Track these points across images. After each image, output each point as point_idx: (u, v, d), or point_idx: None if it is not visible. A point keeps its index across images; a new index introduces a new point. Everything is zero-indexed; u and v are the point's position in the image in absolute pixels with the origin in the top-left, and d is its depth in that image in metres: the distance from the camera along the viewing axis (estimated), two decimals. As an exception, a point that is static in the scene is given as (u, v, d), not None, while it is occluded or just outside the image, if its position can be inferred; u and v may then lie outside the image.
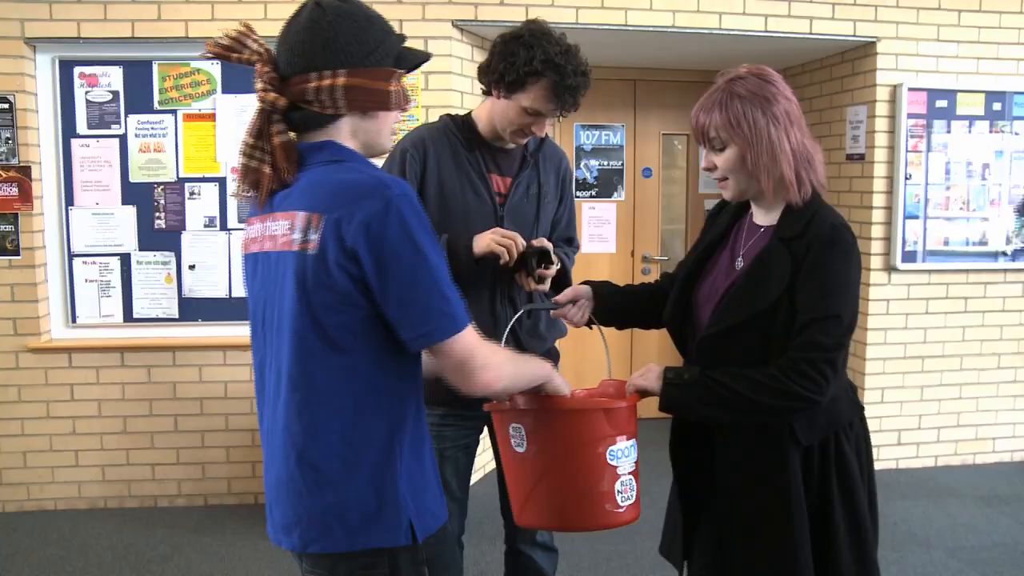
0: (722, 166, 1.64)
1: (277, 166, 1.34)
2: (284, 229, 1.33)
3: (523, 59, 1.98)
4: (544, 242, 2.07)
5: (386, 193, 1.26)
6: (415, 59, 1.46)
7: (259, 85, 1.34)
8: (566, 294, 1.92)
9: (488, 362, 1.34)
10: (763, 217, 1.71)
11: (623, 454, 1.57)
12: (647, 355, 5.03)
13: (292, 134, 1.37)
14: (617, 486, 1.56)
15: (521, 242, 2.02)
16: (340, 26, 1.33)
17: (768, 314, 1.58)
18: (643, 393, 1.67)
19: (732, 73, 1.64)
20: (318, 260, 1.26)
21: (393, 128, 1.46)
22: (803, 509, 1.61)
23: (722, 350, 1.63)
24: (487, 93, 2.14)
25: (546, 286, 2.10)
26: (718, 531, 1.74)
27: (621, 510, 1.57)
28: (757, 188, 1.64)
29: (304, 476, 1.32)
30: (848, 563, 1.64)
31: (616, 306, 1.92)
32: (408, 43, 1.48)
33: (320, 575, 1.37)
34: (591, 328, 1.93)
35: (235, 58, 1.35)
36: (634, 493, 1.59)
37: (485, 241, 2.01)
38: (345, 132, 1.38)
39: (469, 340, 1.32)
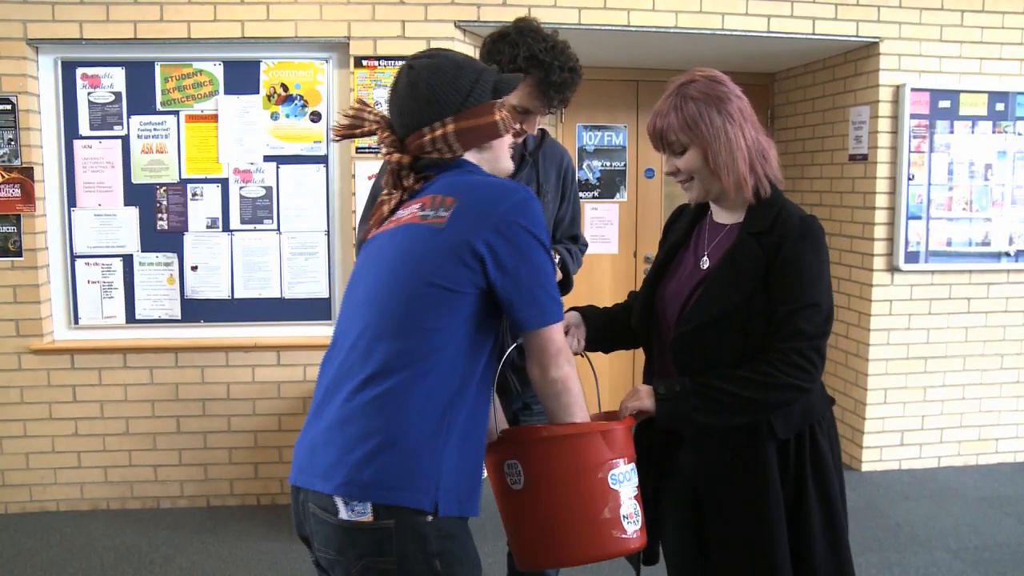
0: (684, 168, 1.69)
1: (409, 193, 1.55)
2: (413, 210, 1.48)
3: (508, 57, 2.00)
4: None
5: (519, 191, 1.46)
6: (511, 86, 1.61)
7: (384, 150, 1.56)
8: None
9: (573, 365, 1.49)
10: (725, 216, 1.75)
11: (624, 477, 1.53)
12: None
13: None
14: (622, 511, 1.51)
15: None
16: (435, 81, 1.50)
17: (743, 308, 1.62)
18: (638, 415, 1.66)
19: (683, 78, 1.70)
20: (442, 233, 1.41)
21: (510, 149, 1.62)
22: (779, 499, 1.64)
23: (699, 346, 1.66)
24: None
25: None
26: (694, 519, 1.77)
27: (629, 536, 1.52)
28: (719, 187, 1.68)
29: (360, 425, 1.38)
30: (822, 550, 1.67)
31: (605, 329, 1.90)
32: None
33: (326, 518, 1.39)
34: (583, 356, 1.88)
35: (359, 132, 1.58)
36: (639, 518, 1.54)
37: None
38: (468, 168, 1.55)
39: (558, 335, 1.47)
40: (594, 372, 1.88)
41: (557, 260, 2.18)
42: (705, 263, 1.74)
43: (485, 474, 1.62)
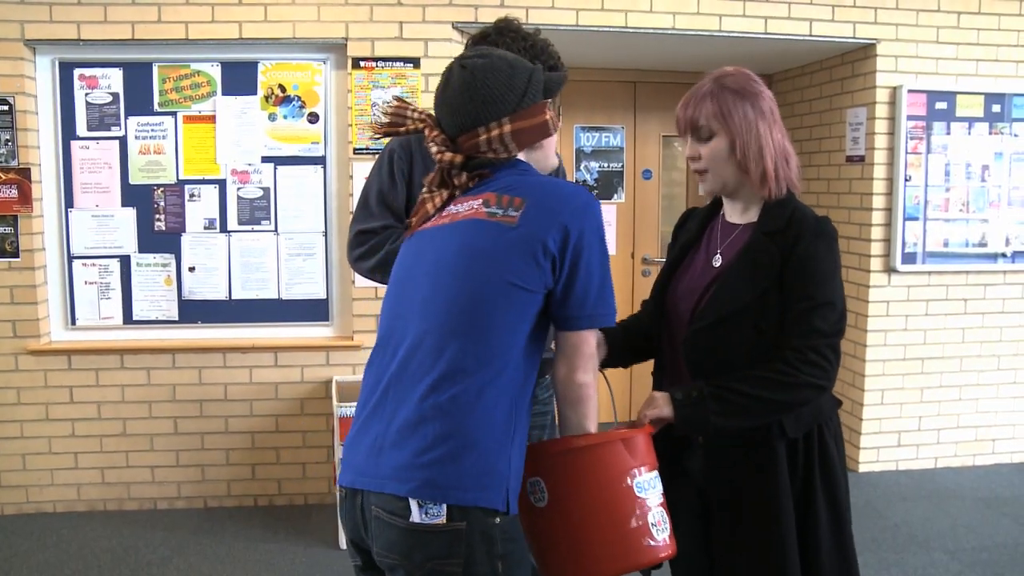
0: (707, 155, 1.69)
1: (459, 191, 1.55)
2: (475, 205, 1.47)
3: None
4: None
5: (583, 194, 1.49)
6: (560, 85, 1.62)
7: (434, 148, 1.55)
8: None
9: (597, 375, 1.52)
10: (738, 216, 1.76)
11: (649, 485, 1.51)
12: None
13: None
14: (650, 519, 1.48)
15: None
16: (491, 81, 1.50)
17: (757, 305, 1.62)
18: (656, 422, 1.65)
19: (718, 71, 1.73)
20: (515, 231, 1.41)
21: (556, 148, 1.63)
22: (790, 499, 1.65)
23: (712, 343, 1.66)
24: None
25: None
26: (700, 522, 1.77)
27: (660, 543, 1.49)
28: (739, 180, 1.69)
29: (437, 426, 1.37)
30: (828, 550, 1.67)
31: (624, 344, 1.88)
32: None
33: (394, 521, 1.37)
34: (601, 373, 1.82)
35: (403, 131, 1.58)
36: (668, 525, 1.52)
37: None
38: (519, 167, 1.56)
39: (593, 343, 1.50)
40: (610, 387, 1.87)
41: None
42: (718, 261, 1.74)
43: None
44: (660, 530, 1.49)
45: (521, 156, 1.56)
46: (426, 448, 1.36)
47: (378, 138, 1.56)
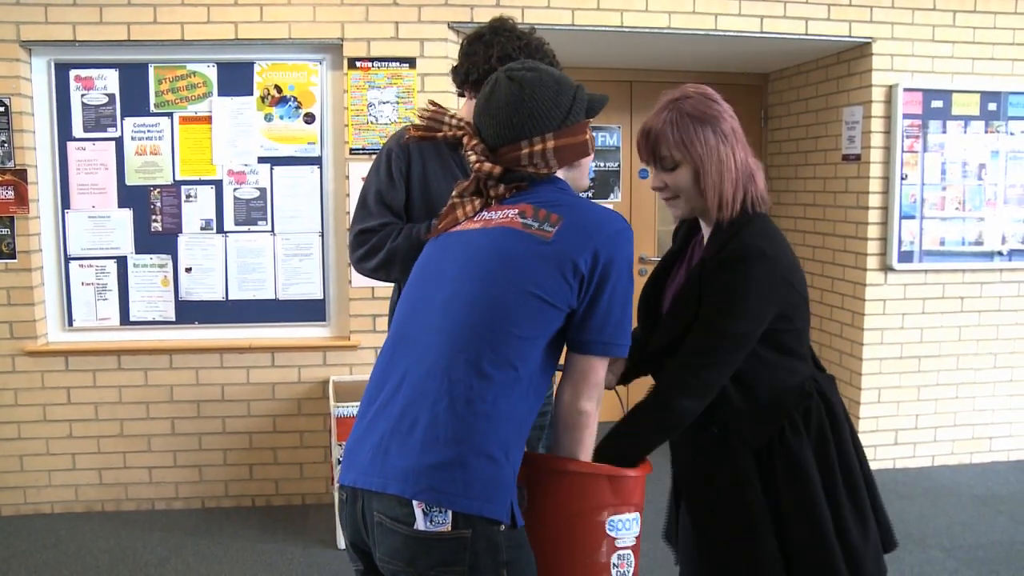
0: (673, 185, 1.67)
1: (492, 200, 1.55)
2: (510, 214, 1.48)
3: (482, 57, 2.04)
4: None
5: (618, 220, 1.48)
6: (602, 105, 1.62)
7: (473, 157, 1.55)
8: None
9: (600, 405, 1.50)
10: (707, 231, 1.75)
11: (624, 526, 1.51)
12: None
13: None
14: (614, 559, 1.50)
15: None
16: (539, 95, 1.50)
17: (684, 338, 1.62)
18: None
19: (675, 93, 1.68)
20: (549, 246, 1.41)
21: (591, 169, 1.65)
22: (764, 506, 1.65)
23: (659, 369, 1.69)
24: (461, 95, 2.19)
25: None
26: (691, 519, 1.79)
27: None
28: (703, 205, 1.67)
29: (450, 430, 1.35)
30: (804, 553, 1.65)
31: (637, 359, 1.88)
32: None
33: (398, 528, 1.36)
34: (614, 390, 1.87)
35: (440, 136, 1.59)
36: (631, 570, 1.52)
37: None
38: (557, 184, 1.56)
39: (603, 372, 1.49)
40: (618, 394, 1.88)
41: None
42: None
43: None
44: (620, 572, 1.51)
45: (560, 174, 1.56)
46: (436, 452, 1.34)
47: (416, 140, 1.54)
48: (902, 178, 4.15)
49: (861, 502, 1.72)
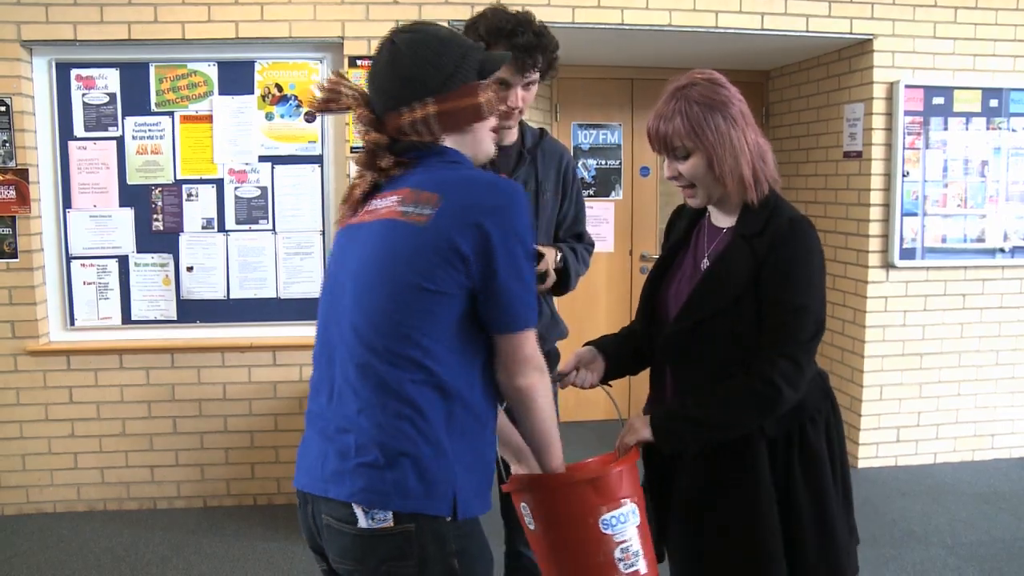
0: (688, 173, 1.67)
1: (385, 175, 1.46)
2: (391, 202, 1.40)
3: (472, 39, 2.02)
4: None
5: (504, 190, 1.38)
6: (497, 65, 1.52)
7: (359, 127, 1.46)
8: (569, 363, 1.87)
9: (543, 377, 1.45)
10: (723, 219, 1.74)
11: (618, 521, 1.55)
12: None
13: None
14: (617, 554, 1.54)
15: None
16: (416, 58, 1.41)
17: (732, 310, 1.62)
18: (640, 444, 1.68)
19: (682, 80, 1.67)
20: (424, 232, 1.33)
21: (493, 134, 1.53)
22: (772, 499, 1.65)
23: (686, 346, 1.68)
24: None
25: (548, 283, 2.08)
26: (687, 517, 1.77)
27: (626, 575, 1.56)
28: (722, 191, 1.68)
29: (372, 433, 1.35)
30: (813, 549, 1.66)
31: (630, 353, 1.89)
32: None
33: (344, 528, 1.36)
34: (603, 388, 1.90)
35: (335, 107, 1.47)
36: (639, 558, 1.57)
37: None
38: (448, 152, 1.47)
39: (531, 341, 1.42)
40: (615, 402, 1.89)
41: (559, 257, 2.17)
42: (705, 265, 1.73)
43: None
44: (628, 564, 1.55)
45: (450, 140, 1.46)
46: (364, 454, 1.34)
47: (313, 113, 1.49)
48: (904, 175, 4.15)
49: (849, 497, 1.75)
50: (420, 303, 1.34)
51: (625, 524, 1.55)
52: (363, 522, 1.34)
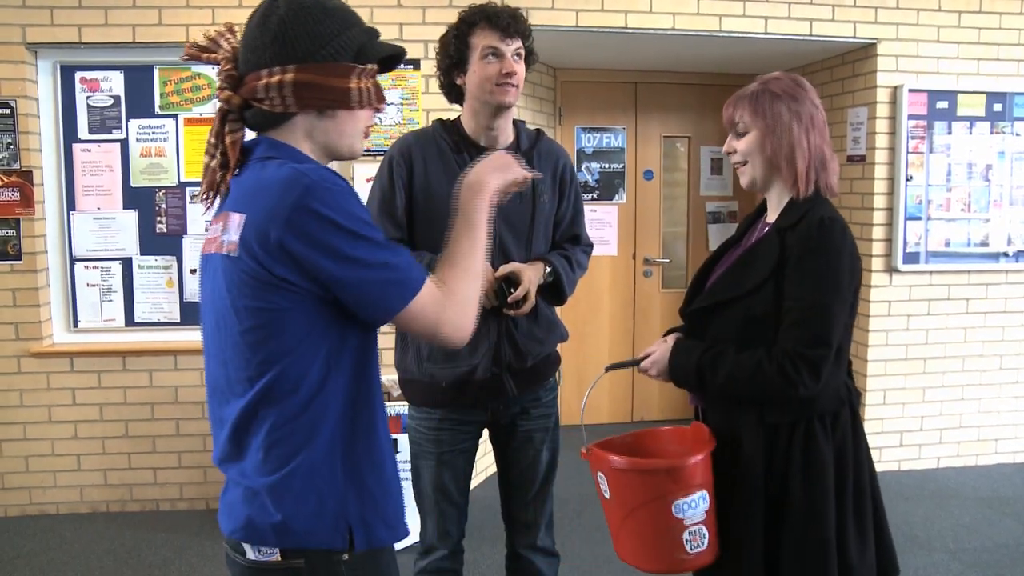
0: (741, 150, 1.77)
1: (229, 165, 1.30)
2: (218, 231, 1.28)
3: (452, 31, 2.10)
4: (510, 267, 2.05)
5: (302, 182, 1.19)
6: (379, 53, 1.35)
7: (217, 83, 1.31)
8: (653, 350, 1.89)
9: (447, 305, 1.28)
10: (773, 214, 1.80)
11: (690, 506, 1.63)
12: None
13: (248, 132, 1.33)
14: (685, 536, 1.64)
15: (491, 277, 2.02)
16: (291, 18, 1.27)
17: (752, 296, 1.68)
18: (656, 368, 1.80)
19: (771, 75, 1.79)
20: (237, 263, 1.21)
21: (363, 129, 1.36)
22: (760, 487, 1.68)
23: (704, 323, 1.77)
24: (457, 100, 2.19)
25: (526, 308, 2.08)
26: None
27: (690, 557, 1.65)
28: (769, 176, 1.76)
29: (251, 464, 1.28)
30: (799, 551, 1.65)
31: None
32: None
33: (236, 559, 1.32)
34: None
35: (206, 58, 1.33)
36: (705, 540, 1.66)
37: None
38: (300, 132, 1.32)
39: (425, 300, 1.26)
40: (585, 399, 1.91)
41: (547, 272, 2.17)
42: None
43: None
44: (694, 545, 1.65)
45: (304, 121, 1.30)
46: (243, 488, 1.29)
47: (186, 60, 1.33)
48: (907, 179, 4.14)
49: (864, 521, 1.73)
50: (263, 331, 1.23)
51: (696, 510, 1.64)
52: (251, 554, 1.29)
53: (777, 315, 1.65)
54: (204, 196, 1.34)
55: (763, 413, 1.68)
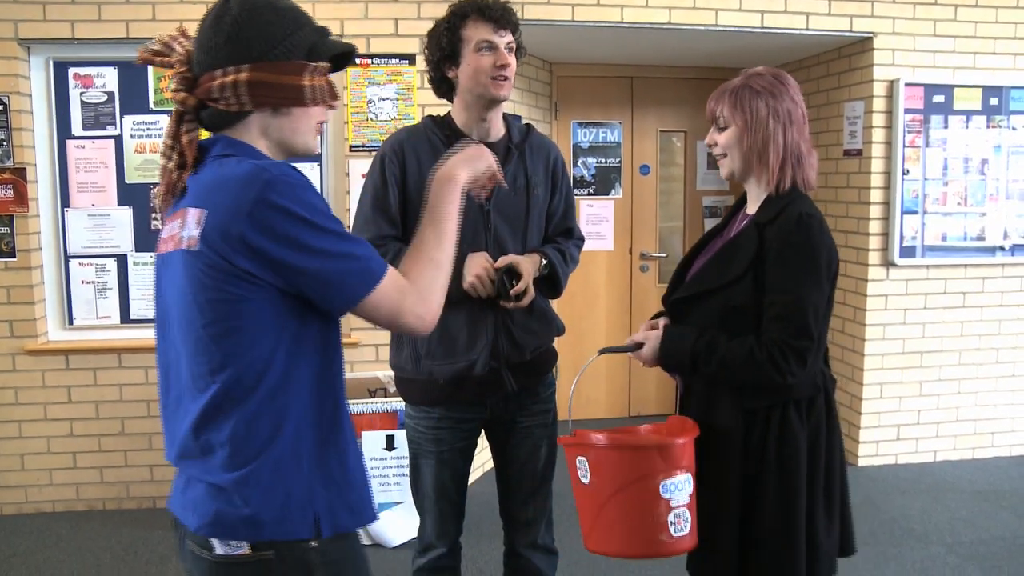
0: (721, 143, 1.83)
1: (186, 165, 1.32)
2: (175, 228, 1.29)
3: (444, 23, 2.11)
4: (509, 259, 2.05)
5: (262, 176, 1.21)
6: (329, 50, 1.38)
7: (172, 85, 1.34)
8: (644, 332, 1.92)
9: (411, 293, 1.31)
10: (753, 207, 1.85)
11: (676, 487, 1.66)
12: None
13: (204, 133, 1.35)
14: (670, 518, 1.66)
15: (490, 268, 2.02)
16: (243, 19, 1.30)
17: (732, 287, 1.73)
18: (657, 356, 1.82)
19: (754, 70, 1.84)
20: (199, 256, 1.23)
21: (316, 126, 1.39)
22: (737, 463, 1.73)
23: (685, 312, 1.82)
24: (446, 94, 2.18)
25: (525, 301, 2.08)
26: None
27: (672, 540, 1.67)
28: (746, 169, 1.81)
29: (215, 460, 1.29)
30: (772, 528, 1.71)
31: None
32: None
33: (203, 554, 1.32)
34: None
35: (159, 61, 1.34)
36: (688, 524, 1.69)
37: (466, 283, 2.02)
38: (255, 130, 1.34)
39: (387, 290, 1.29)
40: (571, 395, 1.90)
41: (543, 264, 2.16)
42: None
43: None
44: (678, 528, 1.67)
45: (259, 119, 1.33)
46: (206, 482, 1.30)
47: (140, 63, 1.33)
48: (904, 173, 4.14)
49: (833, 503, 1.79)
50: (225, 327, 1.24)
51: (681, 492, 1.67)
52: (219, 548, 1.29)
53: (755, 306, 1.70)
54: (163, 198, 1.36)
55: (742, 398, 1.73)
